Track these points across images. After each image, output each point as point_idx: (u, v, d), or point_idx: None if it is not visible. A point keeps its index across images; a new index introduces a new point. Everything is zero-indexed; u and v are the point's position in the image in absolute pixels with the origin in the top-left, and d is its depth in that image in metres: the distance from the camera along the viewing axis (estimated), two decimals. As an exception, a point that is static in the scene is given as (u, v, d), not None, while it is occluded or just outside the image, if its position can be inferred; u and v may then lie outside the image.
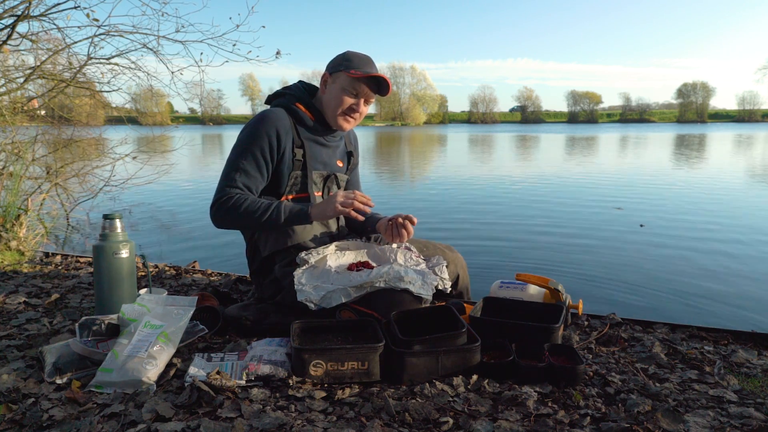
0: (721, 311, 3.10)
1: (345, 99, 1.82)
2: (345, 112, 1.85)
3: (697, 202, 7.16)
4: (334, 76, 1.84)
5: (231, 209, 1.74)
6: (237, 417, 1.19)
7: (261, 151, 1.78)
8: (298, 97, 1.89)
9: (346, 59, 1.83)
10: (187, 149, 14.76)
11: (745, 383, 1.41)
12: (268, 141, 1.78)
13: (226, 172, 1.80)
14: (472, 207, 6.90)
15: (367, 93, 1.84)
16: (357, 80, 1.80)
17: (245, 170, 1.78)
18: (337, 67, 1.83)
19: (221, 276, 2.60)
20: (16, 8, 4.10)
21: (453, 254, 2.03)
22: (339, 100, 1.82)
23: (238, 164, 1.78)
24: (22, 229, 3.50)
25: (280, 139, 1.80)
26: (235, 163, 1.79)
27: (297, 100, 1.89)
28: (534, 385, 1.36)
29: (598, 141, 28.29)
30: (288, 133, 1.82)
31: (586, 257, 4.30)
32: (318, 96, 1.92)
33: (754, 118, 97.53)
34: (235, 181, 1.78)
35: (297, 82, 2.00)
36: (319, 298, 1.61)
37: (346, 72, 1.79)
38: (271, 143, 1.79)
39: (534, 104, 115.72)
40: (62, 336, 1.69)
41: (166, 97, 8.58)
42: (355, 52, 1.86)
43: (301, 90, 1.94)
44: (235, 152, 1.81)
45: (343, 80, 1.81)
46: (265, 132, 1.78)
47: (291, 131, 1.83)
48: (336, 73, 1.83)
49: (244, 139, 1.81)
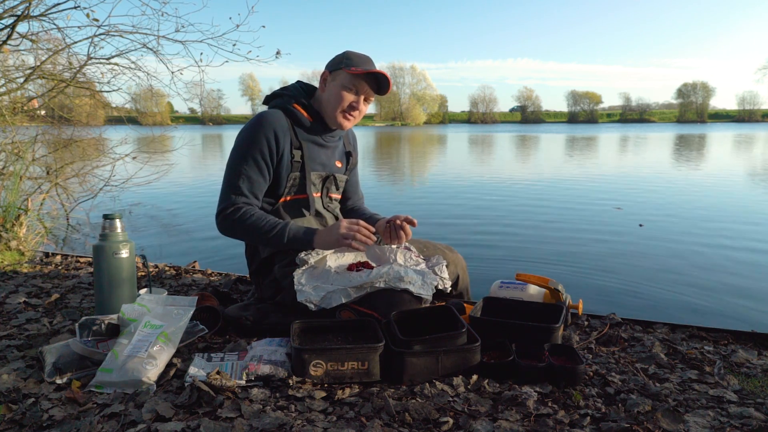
0: (721, 311, 3.10)
1: (345, 96, 1.82)
2: (345, 110, 1.84)
3: (698, 202, 7.16)
4: (334, 74, 1.84)
5: (237, 223, 1.75)
6: (237, 417, 1.19)
7: (261, 155, 1.78)
8: (296, 98, 1.88)
9: (346, 57, 1.83)
10: (187, 149, 14.77)
11: (745, 383, 1.41)
12: (266, 143, 1.78)
13: (229, 178, 1.80)
14: (472, 207, 6.90)
15: (367, 91, 1.83)
16: (357, 77, 1.80)
17: (248, 176, 1.78)
18: (337, 65, 1.83)
19: (221, 276, 2.60)
20: (16, 8, 4.10)
21: (453, 255, 2.03)
22: (339, 97, 1.82)
23: (240, 170, 1.78)
24: (22, 229, 3.49)
25: (278, 141, 1.79)
26: (237, 168, 1.78)
27: (294, 100, 1.88)
28: (534, 385, 1.36)
29: (598, 141, 28.28)
30: (286, 134, 1.82)
31: (586, 257, 4.30)
32: (317, 96, 1.91)
33: (754, 118, 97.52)
34: (239, 188, 1.77)
35: (295, 82, 1.99)
36: (319, 298, 1.61)
37: (346, 69, 1.79)
38: (270, 145, 1.78)
39: (534, 104, 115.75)
40: (62, 336, 1.69)
41: (166, 97, 8.59)
42: (355, 52, 1.86)
43: (299, 90, 1.93)
44: (235, 157, 1.80)
45: (343, 78, 1.81)
46: (264, 134, 1.78)
47: (289, 132, 1.83)
48: (336, 71, 1.83)
49: (242, 143, 1.81)
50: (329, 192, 1.98)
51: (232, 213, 1.76)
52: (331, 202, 2.00)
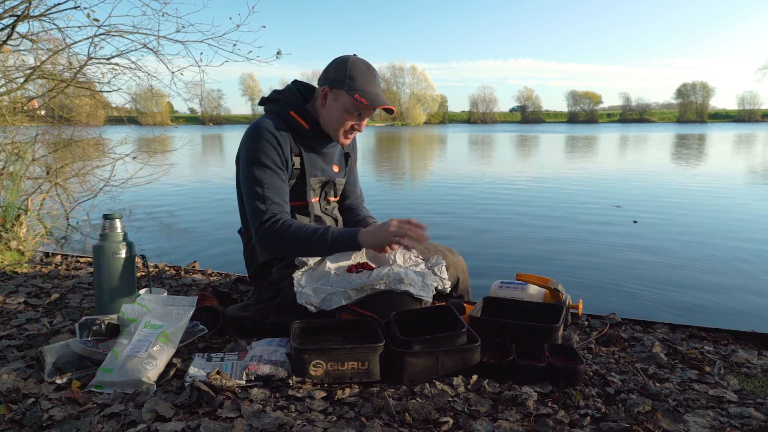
0: (721, 311, 3.10)
1: (347, 119, 1.78)
2: (348, 131, 1.82)
3: (697, 202, 7.16)
4: (336, 92, 1.76)
5: (278, 233, 1.68)
6: (237, 417, 1.19)
7: (272, 161, 1.75)
8: (292, 105, 1.84)
9: (349, 77, 1.73)
10: (187, 149, 14.77)
11: (745, 383, 1.41)
12: (274, 149, 1.75)
13: (253, 192, 1.74)
14: (472, 206, 6.90)
15: (370, 112, 1.80)
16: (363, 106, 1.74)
17: (270, 183, 1.73)
18: (340, 84, 1.74)
19: (221, 276, 2.60)
20: (16, 8, 4.10)
21: (453, 256, 2.02)
22: (341, 120, 1.78)
23: (259, 179, 1.73)
24: (22, 229, 3.50)
25: (282, 146, 1.78)
26: (255, 179, 1.73)
27: (290, 107, 1.84)
28: (534, 385, 1.36)
29: (598, 141, 28.29)
30: (285, 141, 1.79)
31: (586, 257, 4.30)
32: (315, 105, 1.85)
33: (753, 118, 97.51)
34: (267, 198, 1.72)
35: (291, 83, 1.94)
36: (319, 300, 1.61)
37: (349, 94, 1.73)
38: (277, 151, 1.76)
39: (534, 104, 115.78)
40: (62, 336, 1.69)
41: (166, 97, 8.57)
42: (358, 66, 1.76)
43: (296, 95, 1.87)
44: (249, 170, 1.75)
45: (345, 101, 1.75)
46: (268, 142, 1.75)
47: (288, 140, 1.81)
48: (338, 90, 1.75)
49: (250, 155, 1.76)
50: (328, 196, 1.97)
51: (271, 224, 1.69)
52: (328, 204, 2.00)
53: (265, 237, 1.71)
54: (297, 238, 1.69)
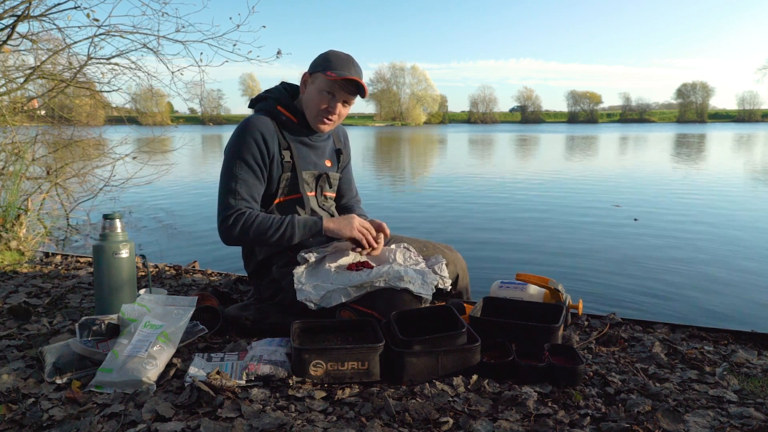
0: (721, 311, 3.10)
1: (321, 100, 1.80)
2: (321, 113, 1.83)
3: (697, 202, 7.16)
4: (314, 76, 1.82)
5: (243, 227, 1.72)
6: (237, 417, 1.19)
7: (253, 158, 1.78)
8: (278, 100, 1.88)
9: (325, 60, 1.79)
10: (187, 149, 14.75)
11: (745, 383, 1.41)
12: (256, 146, 1.78)
13: (226, 185, 1.78)
14: (472, 206, 6.90)
15: (345, 95, 1.82)
16: (333, 82, 1.77)
17: (244, 179, 1.77)
18: (316, 67, 1.81)
19: (221, 276, 2.60)
20: (16, 8, 4.10)
21: (453, 254, 2.03)
22: (316, 101, 1.81)
23: (235, 175, 1.77)
24: (22, 229, 3.50)
25: (267, 143, 1.79)
26: (232, 174, 1.77)
27: (277, 102, 1.87)
28: (534, 385, 1.36)
29: (598, 141, 28.28)
30: (273, 136, 1.81)
31: (586, 257, 4.30)
32: (300, 97, 1.90)
33: (753, 118, 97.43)
34: (237, 193, 1.76)
35: (279, 83, 1.98)
36: (319, 297, 1.61)
37: (323, 74, 1.77)
38: (260, 148, 1.78)
39: (534, 104, 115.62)
40: (62, 336, 1.69)
41: (166, 97, 8.59)
42: (336, 52, 1.82)
43: (282, 92, 1.91)
44: (228, 164, 1.79)
45: (320, 82, 1.79)
46: (252, 138, 1.78)
47: (276, 134, 1.83)
48: (315, 74, 1.81)
49: (232, 149, 1.80)
50: (324, 191, 1.98)
51: (236, 219, 1.73)
52: (326, 200, 2.00)
53: (229, 231, 1.74)
54: (263, 230, 1.73)
